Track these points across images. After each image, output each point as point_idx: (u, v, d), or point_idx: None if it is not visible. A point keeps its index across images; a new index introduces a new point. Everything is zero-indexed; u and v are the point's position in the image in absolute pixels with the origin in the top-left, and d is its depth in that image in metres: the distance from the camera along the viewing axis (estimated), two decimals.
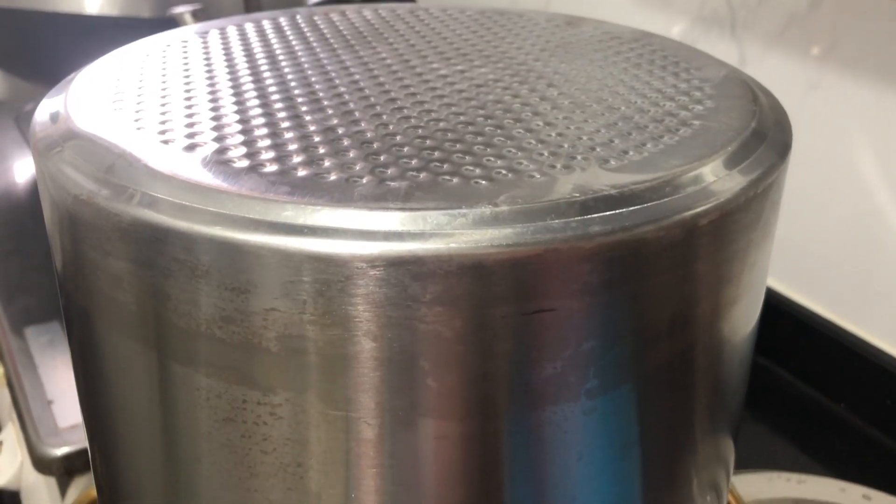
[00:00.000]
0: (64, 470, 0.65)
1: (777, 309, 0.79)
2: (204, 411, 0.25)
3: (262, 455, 0.25)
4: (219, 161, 0.24)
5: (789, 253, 0.79)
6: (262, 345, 0.23)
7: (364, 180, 0.23)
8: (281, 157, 0.25)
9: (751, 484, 0.62)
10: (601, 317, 0.23)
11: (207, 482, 0.26)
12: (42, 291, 0.87)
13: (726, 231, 0.25)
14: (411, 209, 0.22)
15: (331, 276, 0.22)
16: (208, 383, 0.24)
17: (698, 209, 0.24)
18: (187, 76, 0.31)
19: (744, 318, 0.29)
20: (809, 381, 0.77)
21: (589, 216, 0.22)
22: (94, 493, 0.41)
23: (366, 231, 0.22)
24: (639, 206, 0.23)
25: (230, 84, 0.30)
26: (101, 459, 0.31)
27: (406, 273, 0.21)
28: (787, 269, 0.80)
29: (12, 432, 0.84)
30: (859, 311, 0.75)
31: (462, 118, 0.28)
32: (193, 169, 0.24)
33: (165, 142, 0.26)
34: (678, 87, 0.31)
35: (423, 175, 0.24)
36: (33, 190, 1.13)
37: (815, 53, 0.75)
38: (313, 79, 0.31)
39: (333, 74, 0.31)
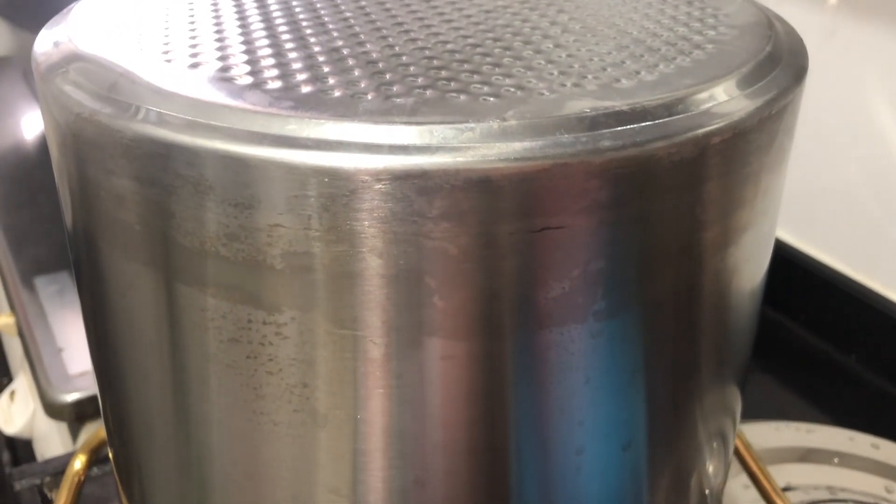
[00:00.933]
0: (75, 416, 0.66)
1: (789, 261, 0.79)
2: (209, 332, 0.24)
3: (267, 376, 0.24)
4: (222, 78, 0.24)
5: (801, 205, 0.78)
6: (267, 262, 0.23)
7: (369, 96, 0.23)
8: (285, 75, 0.24)
9: (758, 433, 0.62)
10: (610, 236, 0.23)
11: (213, 405, 0.26)
12: (51, 242, 0.87)
13: (739, 152, 0.24)
14: (417, 123, 0.22)
15: (336, 190, 0.21)
16: (213, 303, 0.24)
17: (710, 127, 0.23)
18: (190, 1, 0.31)
19: (755, 250, 0.28)
20: (820, 333, 0.77)
21: (599, 131, 0.22)
22: (103, 434, 0.41)
23: (371, 144, 0.21)
24: (650, 123, 0.22)
25: (234, 8, 0.30)
26: (108, 386, 0.31)
27: (412, 187, 0.21)
28: (799, 222, 0.79)
29: (24, 382, 0.85)
30: (872, 263, 0.75)
31: (470, 41, 0.27)
32: (197, 86, 0.24)
33: (169, 61, 0.25)
34: (692, 14, 0.31)
35: (429, 92, 0.23)
36: (42, 143, 1.13)
37: (831, 2, 0.74)
38: (318, 4, 0.30)
39: (339, 0, 0.31)
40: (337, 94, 0.23)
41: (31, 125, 1.15)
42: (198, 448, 0.28)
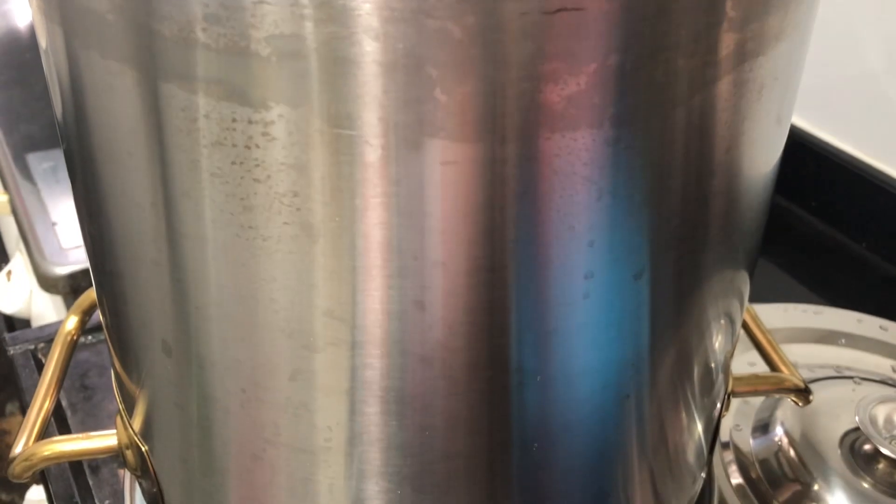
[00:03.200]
0: (69, 288, 0.65)
1: (801, 147, 0.76)
2: (191, 136, 0.23)
3: (254, 184, 0.23)
4: None
5: (816, 89, 0.75)
6: (252, 48, 0.20)
7: None
8: None
9: (766, 314, 0.61)
10: (631, 25, 0.21)
11: (199, 222, 0.24)
12: (43, 120, 0.85)
13: None
14: None
15: None
16: (195, 101, 0.22)
17: None
18: None
19: (783, 70, 0.26)
20: (831, 221, 0.75)
21: None
22: (94, 294, 0.40)
23: None
24: None
25: None
26: (92, 218, 0.29)
27: None
28: (814, 106, 0.76)
29: (21, 262, 0.84)
30: (889, 148, 0.72)
31: None
32: None
33: None
34: None
35: None
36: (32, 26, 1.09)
37: None
38: None
39: None
40: None
41: (21, 6, 1.10)
42: (187, 273, 0.26)
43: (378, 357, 0.26)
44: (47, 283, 0.65)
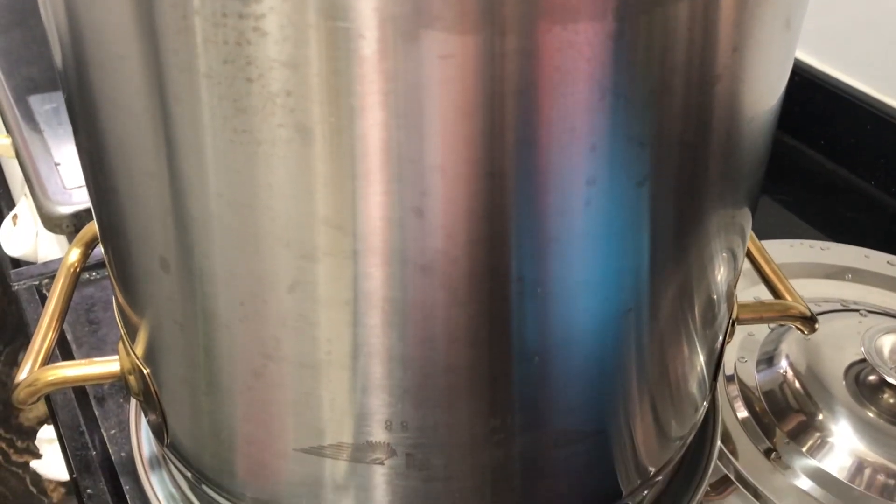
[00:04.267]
0: (73, 228, 0.64)
1: (810, 84, 0.75)
2: (181, 35, 0.22)
3: (247, 84, 0.22)
4: None
5: (825, 23, 0.73)
6: None
7: None
8: None
9: (772, 250, 0.60)
10: None
11: (191, 126, 0.24)
12: (44, 63, 0.84)
13: None
14: None
15: None
16: None
17: None
18: None
19: None
20: (839, 159, 0.74)
21: None
22: (95, 227, 0.39)
23: None
24: None
25: None
26: (87, 133, 0.29)
27: None
28: (823, 41, 0.75)
29: (27, 206, 0.84)
30: None
31: None
32: None
33: None
34: None
35: None
36: None
37: None
38: None
39: None
40: None
41: None
42: (182, 183, 0.26)
43: (377, 267, 0.25)
44: (51, 222, 0.65)
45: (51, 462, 0.76)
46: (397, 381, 0.28)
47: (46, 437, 0.78)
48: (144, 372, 0.35)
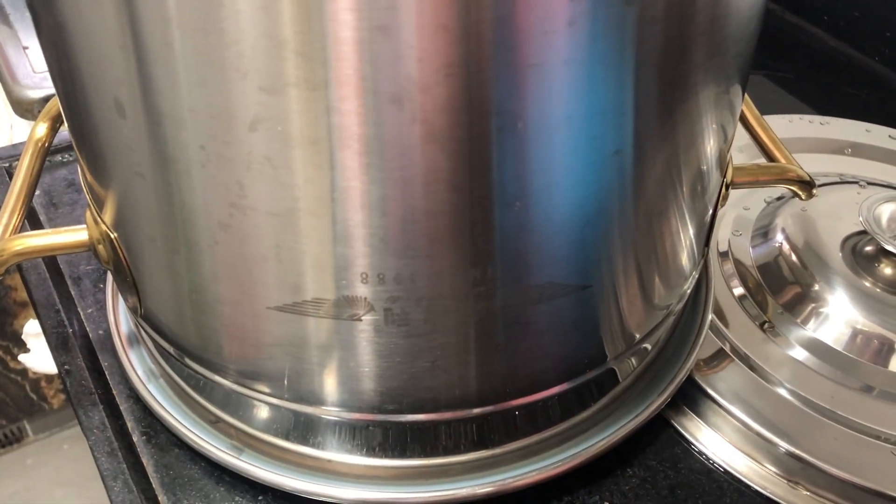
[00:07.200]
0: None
1: None
2: None
3: None
4: None
5: None
6: None
7: None
8: None
9: (771, 125, 0.58)
10: None
11: None
12: None
13: None
14: None
15: None
16: None
17: None
18: None
19: None
20: (842, 37, 0.71)
21: None
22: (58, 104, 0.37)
23: None
24: None
25: None
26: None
27: None
28: None
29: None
30: None
31: None
32: None
33: None
34: None
35: None
36: None
37: None
38: None
39: None
40: None
41: None
42: (132, 8, 0.23)
43: (346, 99, 0.23)
44: (21, 107, 0.62)
45: (39, 356, 0.75)
46: (372, 228, 0.26)
47: (33, 331, 0.77)
48: (112, 237, 0.33)
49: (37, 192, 0.51)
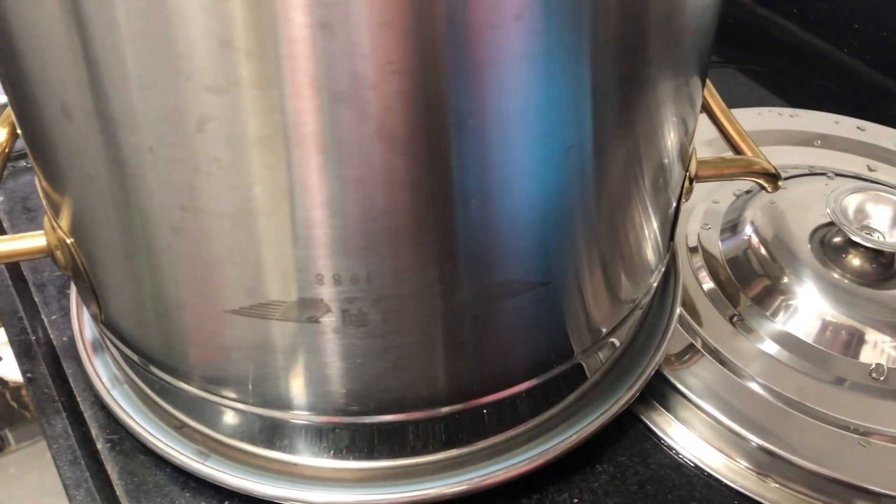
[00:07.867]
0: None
1: None
2: None
3: None
4: None
5: None
6: None
7: None
8: None
9: (740, 118, 0.58)
10: None
11: None
12: None
13: None
14: None
15: None
16: None
17: None
18: None
19: None
20: (812, 29, 0.72)
21: None
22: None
23: None
24: None
25: None
26: None
27: None
28: None
29: None
30: None
31: None
32: None
33: None
34: None
35: None
36: None
37: None
38: None
39: None
40: None
41: None
42: (76, 9, 0.23)
43: (290, 98, 0.23)
44: None
45: (12, 364, 0.74)
46: (326, 228, 0.26)
47: (3, 339, 0.76)
48: (68, 242, 0.33)
49: (0, 199, 0.50)
